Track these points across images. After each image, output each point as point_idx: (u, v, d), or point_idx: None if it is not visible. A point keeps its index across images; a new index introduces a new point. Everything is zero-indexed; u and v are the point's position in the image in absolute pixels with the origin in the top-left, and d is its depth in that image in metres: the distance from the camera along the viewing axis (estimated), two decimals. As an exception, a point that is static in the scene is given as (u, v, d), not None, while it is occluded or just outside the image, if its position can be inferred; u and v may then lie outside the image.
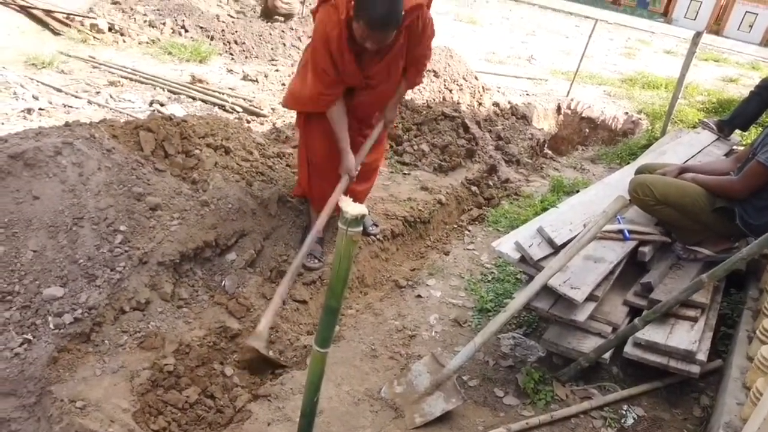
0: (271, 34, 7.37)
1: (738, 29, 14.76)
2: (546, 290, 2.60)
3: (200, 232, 2.87)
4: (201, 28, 7.23)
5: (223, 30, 7.23)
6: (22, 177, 2.53)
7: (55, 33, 6.44)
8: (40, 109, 4.64)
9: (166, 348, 2.49)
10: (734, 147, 4.74)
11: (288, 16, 7.93)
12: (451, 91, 5.82)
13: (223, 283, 2.92)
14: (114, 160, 2.82)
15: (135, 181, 2.83)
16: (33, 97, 4.80)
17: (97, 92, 5.23)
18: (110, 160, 2.81)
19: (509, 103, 6.33)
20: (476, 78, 6.31)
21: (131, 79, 5.63)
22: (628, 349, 2.56)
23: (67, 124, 2.99)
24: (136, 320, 2.55)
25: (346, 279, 1.52)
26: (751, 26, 14.65)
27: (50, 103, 4.81)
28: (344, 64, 2.74)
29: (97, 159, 2.75)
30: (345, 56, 2.72)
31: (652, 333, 2.52)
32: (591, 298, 2.64)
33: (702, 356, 2.47)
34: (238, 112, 5.37)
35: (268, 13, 7.97)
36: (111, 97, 5.19)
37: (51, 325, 2.32)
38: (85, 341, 2.39)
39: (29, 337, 2.26)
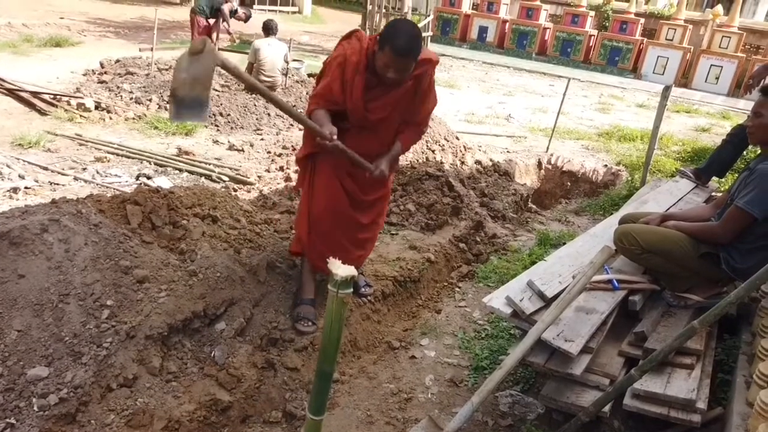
0: (255, 105, 7.54)
1: (705, 81, 15.35)
2: (540, 344, 2.58)
3: (189, 303, 2.84)
4: (186, 102, 7.38)
5: (208, 103, 7.40)
6: (7, 256, 2.51)
7: (42, 113, 6.55)
8: (26, 187, 4.66)
9: (154, 425, 2.41)
10: (713, 193, 4.85)
11: (272, 88, 8.16)
12: (433, 151, 5.95)
13: (212, 354, 2.86)
14: (101, 234, 2.82)
15: (122, 255, 2.82)
16: (19, 176, 4.82)
17: (84, 169, 5.27)
18: (97, 234, 2.80)
19: (491, 160, 6.47)
20: (457, 138, 6.47)
21: (118, 155, 5.69)
22: (628, 401, 2.51)
23: (53, 201, 3.00)
24: (124, 397, 2.47)
25: (338, 342, 1.51)
26: (717, 78, 15.27)
27: (36, 181, 4.83)
28: (352, 87, 2.88)
29: (83, 234, 2.75)
30: (356, 80, 2.87)
31: (649, 383, 2.49)
32: (586, 350, 2.62)
33: (702, 404, 2.43)
34: (224, 181, 5.42)
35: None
36: (97, 172, 5.23)
37: (35, 407, 2.24)
38: (70, 422, 2.31)
39: (12, 421, 2.18)
